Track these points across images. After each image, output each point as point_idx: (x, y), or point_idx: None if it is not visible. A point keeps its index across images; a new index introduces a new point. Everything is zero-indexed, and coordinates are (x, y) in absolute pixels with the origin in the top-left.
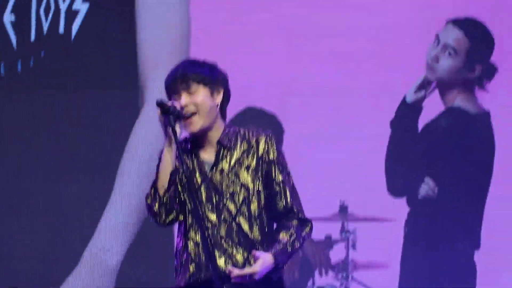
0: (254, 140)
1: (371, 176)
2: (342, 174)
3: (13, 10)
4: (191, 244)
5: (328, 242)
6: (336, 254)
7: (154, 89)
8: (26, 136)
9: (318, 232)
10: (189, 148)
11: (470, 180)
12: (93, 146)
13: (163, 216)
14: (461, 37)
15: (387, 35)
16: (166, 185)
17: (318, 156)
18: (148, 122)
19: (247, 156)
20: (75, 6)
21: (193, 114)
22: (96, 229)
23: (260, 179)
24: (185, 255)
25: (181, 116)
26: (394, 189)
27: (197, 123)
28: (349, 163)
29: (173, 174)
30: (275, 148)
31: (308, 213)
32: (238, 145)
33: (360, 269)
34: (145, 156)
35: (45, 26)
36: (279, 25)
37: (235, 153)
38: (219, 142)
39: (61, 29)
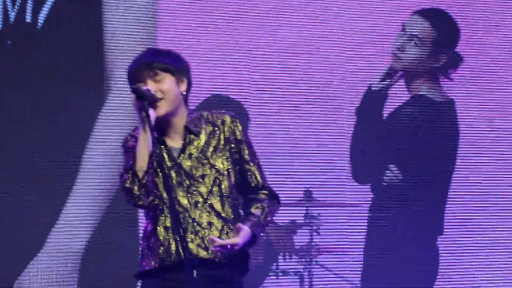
0: (219, 122)
1: (335, 162)
2: (306, 160)
3: None
4: (160, 229)
5: (293, 227)
6: (300, 239)
7: (119, 78)
8: None
9: (283, 217)
10: (156, 136)
11: (434, 167)
12: (61, 136)
13: (144, 197)
14: (426, 27)
15: (354, 24)
16: (145, 168)
17: (283, 141)
18: (113, 110)
19: (214, 138)
20: None
21: (159, 100)
22: (60, 214)
23: (229, 158)
24: (152, 239)
25: (155, 100)
26: (359, 175)
27: (162, 108)
28: (314, 149)
29: (150, 157)
30: (240, 128)
31: None
32: (204, 128)
33: (324, 254)
34: (109, 142)
35: (12, 15)
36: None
37: (202, 136)
38: (186, 128)
39: (28, 17)
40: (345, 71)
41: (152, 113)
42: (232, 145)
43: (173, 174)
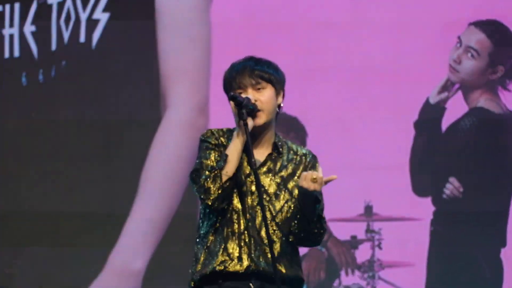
0: (301, 153)
1: (396, 176)
2: (366, 174)
3: (34, 21)
4: (225, 233)
5: (354, 242)
6: (362, 254)
7: (176, 96)
8: (49, 144)
9: (344, 232)
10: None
11: (494, 179)
12: (118, 154)
13: (220, 200)
14: (482, 39)
15: (410, 38)
16: (230, 174)
17: (343, 156)
18: (170, 128)
19: (293, 164)
20: (95, 16)
21: (259, 110)
22: (122, 232)
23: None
24: (213, 244)
25: (255, 110)
26: (419, 189)
27: (261, 118)
28: (373, 163)
29: (240, 165)
30: (318, 166)
31: (333, 214)
32: (285, 152)
33: (386, 268)
34: (167, 161)
35: (66, 36)
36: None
37: (283, 158)
38: (275, 145)
39: (82, 38)
40: (404, 84)
41: (250, 123)
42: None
43: (249, 183)
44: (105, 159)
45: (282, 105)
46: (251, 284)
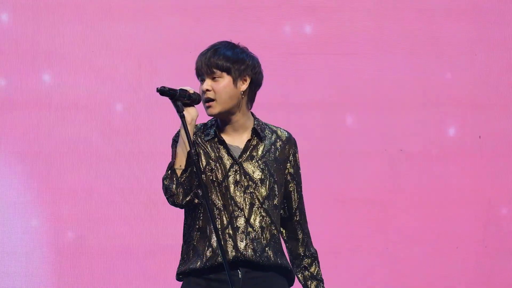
0: (284, 137)
1: None
2: None
3: None
4: (209, 228)
5: None
6: None
7: None
8: None
9: None
10: (214, 134)
11: None
12: None
13: (180, 197)
14: None
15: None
16: (183, 166)
17: None
18: None
19: (276, 149)
20: None
21: (212, 100)
22: None
23: (283, 176)
24: (198, 239)
25: (194, 100)
26: None
27: (214, 108)
28: None
29: (190, 156)
30: (297, 152)
31: None
32: (268, 137)
33: None
34: None
35: None
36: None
37: (266, 143)
38: (254, 130)
39: None
40: None
41: (193, 113)
42: (288, 165)
43: (231, 173)
44: None
45: (248, 92)
46: (239, 271)
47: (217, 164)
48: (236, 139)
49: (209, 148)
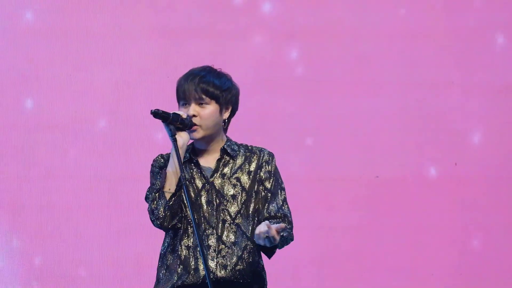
0: (258, 151)
1: None
2: None
3: None
4: (181, 248)
5: None
6: None
7: None
8: None
9: None
10: (189, 156)
11: None
12: None
13: (168, 220)
14: None
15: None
16: (173, 190)
17: None
18: None
19: (249, 163)
20: None
21: (196, 126)
22: None
23: (258, 183)
24: (171, 259)
25: (186, 125)
26: None
27: (198, 133)
28: None
29: (179, 181)
30: (275, 163)
31: None
32: (241, 154)
33: None
34: None
35: None
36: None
37: (238, 160)
38: (223, 149)
39: None
40: None
41: (185, 137)
42: (262, 174)
43: (203, 192)
44: None
45: (228, 120)
46: None
47: (190, 185)
48: (209, 160)
49: (183, 170)
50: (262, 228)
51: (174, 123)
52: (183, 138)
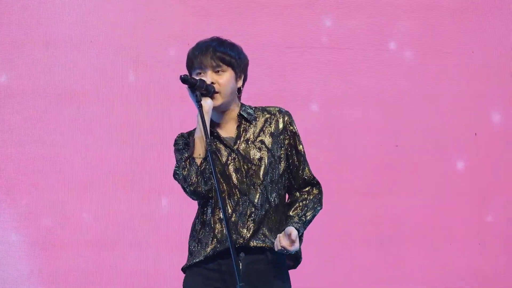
0: (276, 111)
1: None
2: None
3: None
4: (214, 220)
5: None
6: None
7: None
8: None
9: None
10: (209, 130)
11: None
12: None
13: (202, 185)
14: None
15: None
16: (203, 155)
17: None
18: None
19: (270, 124)
20: None
21: (215, 93)
22: None
23: (283, 147)
24: (204, 232)
25: (210, 91)
26: None
27: (217, 100)
28: None
29: (207, 144)
30: (294, 122)
31: None
32: (260, 116)
33: None
34: None
35: None
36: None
37: (258, 123)
38: (240, 115)
39: None
40: None
41: (210, 103)
42: (287, 136)
43: (230, 161)
44: None
45: (242, 88)
46: (239, 260)
47: (216, 158)
48: (228, 130)
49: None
50: (280, 245)
51: (200, 89)
52: (208, 103)
